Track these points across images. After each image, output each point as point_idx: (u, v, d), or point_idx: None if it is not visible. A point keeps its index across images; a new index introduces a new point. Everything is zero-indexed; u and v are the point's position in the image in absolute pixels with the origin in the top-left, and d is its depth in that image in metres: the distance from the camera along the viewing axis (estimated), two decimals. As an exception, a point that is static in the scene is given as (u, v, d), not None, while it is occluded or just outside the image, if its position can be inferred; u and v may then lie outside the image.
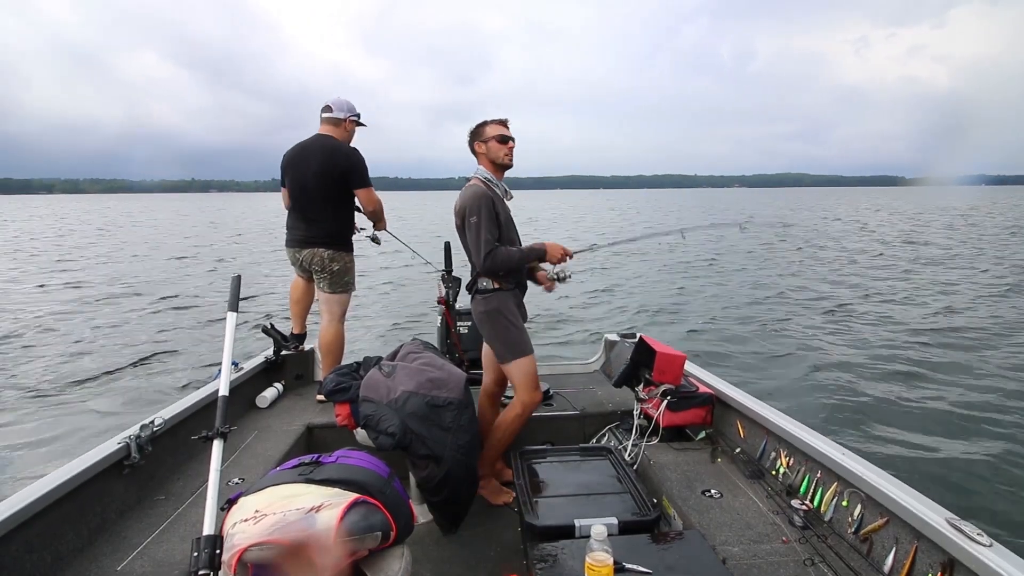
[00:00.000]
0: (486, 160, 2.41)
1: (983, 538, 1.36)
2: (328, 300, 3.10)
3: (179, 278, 13.12)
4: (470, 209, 2.28)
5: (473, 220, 2.27)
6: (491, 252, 2.26)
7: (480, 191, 2.32)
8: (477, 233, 2.27)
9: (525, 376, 2.37)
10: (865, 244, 18.61)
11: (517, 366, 2.37)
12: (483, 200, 2.29)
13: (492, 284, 2.36)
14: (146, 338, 7.76)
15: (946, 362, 6.26)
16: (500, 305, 2.36)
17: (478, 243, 2.26)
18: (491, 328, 2.38)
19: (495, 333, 2.38)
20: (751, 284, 11.66)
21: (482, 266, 2.29)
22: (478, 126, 2.43)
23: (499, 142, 2.39)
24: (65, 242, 23.08)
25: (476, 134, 2.43)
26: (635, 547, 1.51)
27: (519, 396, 2.39)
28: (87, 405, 5.34)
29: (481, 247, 2.26)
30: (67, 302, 10.31)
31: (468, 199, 2.30)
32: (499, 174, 2.42)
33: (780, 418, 2.22)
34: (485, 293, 2.37)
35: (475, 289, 2.40)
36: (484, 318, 2.38)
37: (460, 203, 2.33)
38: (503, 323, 2.36)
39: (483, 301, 2.38)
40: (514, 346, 2.37)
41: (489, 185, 2.38)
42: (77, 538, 1.74)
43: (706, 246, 17.73)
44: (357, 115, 3.13)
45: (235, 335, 1.68)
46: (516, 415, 2.40)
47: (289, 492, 1.33)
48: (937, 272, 12.51)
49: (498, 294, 2.37)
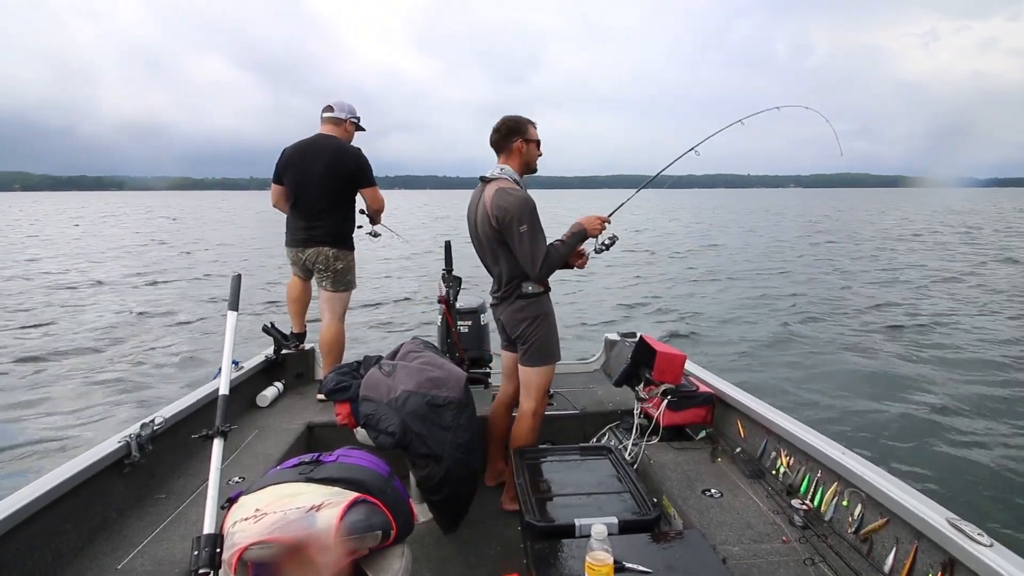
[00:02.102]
0: (519, 160, 2.31)
1: (984, 538, 1.36)
2: (330, 299, 3.10)
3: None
4: (519, 216, 2.15)
5: (523, 229, 2.15)
6: (546, 257, 2.19)
7: (525, 196, 2.20)
8: (532, 242, 2.16)
9: (545, 383, 2.36)
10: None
11: (543, 372, 2.34)
12: (530, 206, 2.18)
13: (538, 287, 2.29)
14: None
15: (946, 362, 6.26)
16: (548, 308, 2.33)
17: (534, 253, 2.16)
18: (536, 331, 2.30)
19: (539, 336, 2.30)
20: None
21: (539, 274, 2.21)
22: (525, 122, 2.30)
23: (537, 146, 2.34)
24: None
25: (520, 131, 2.29)
26: (635, 547, 1.50)
27: (530, 402, 2.35)
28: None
29: (538, 256, 2.17)
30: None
31: (514, 205, 2.15)
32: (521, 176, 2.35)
33: (780, 418, 2.21)
34: (532, 296, 2.28)
35: (517, 293, 2.29)
36: (531, 322, 2.29)
37: (502, 207, 2.17)
38: (548, 326, 2.32)
39: (531, 305, 2.29)
40: (553, 352, 2.34)
41: (524, 187, 2.30)
42: (78, 536, 1.74)
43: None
44: (357, 118, 3.16)
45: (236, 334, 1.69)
46: (530, 426, 2.36)
47: (289, 491, 1.33)
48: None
49: (545, 296, 2.33)
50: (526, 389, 2.37)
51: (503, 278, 2.31)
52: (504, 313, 2.35)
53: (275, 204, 3.14)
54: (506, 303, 2.33)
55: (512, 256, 2.24)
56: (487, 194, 2.23)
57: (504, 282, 2.31)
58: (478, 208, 2.29)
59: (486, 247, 2.32)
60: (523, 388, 2.39)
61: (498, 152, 2.34)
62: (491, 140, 2.34)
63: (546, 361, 2.33)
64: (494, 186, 2.23)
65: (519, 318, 2.30)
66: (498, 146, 2.32)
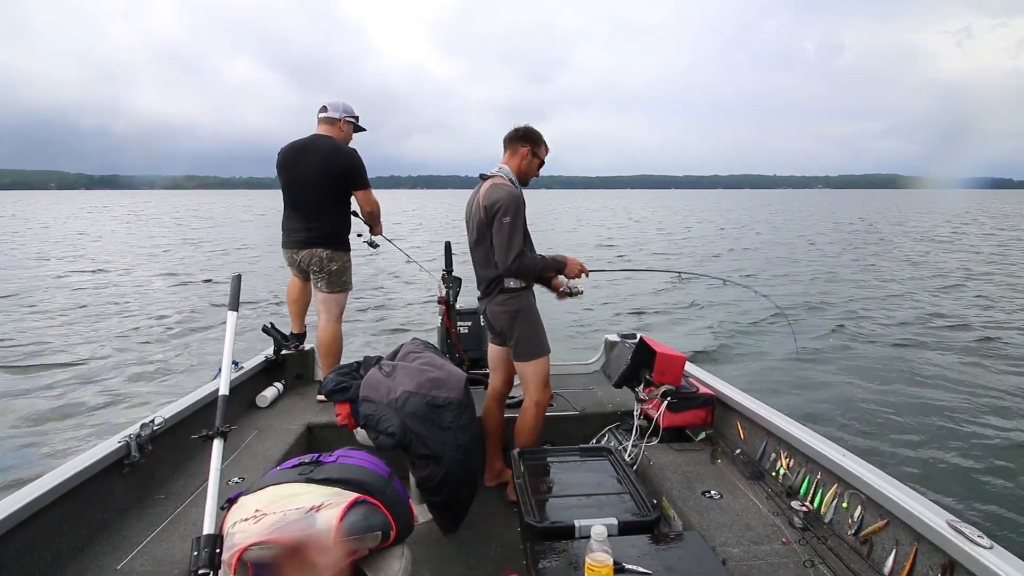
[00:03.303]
0: (518, 164, 2.41)
1: (983, 540, 1.36)
2: (326, 300, 3.09)
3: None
4: (505, 208, 2.24)
5: (506, 220, 2.23)
6: (519, 255, 2.25)
7: (516, 192, 2.30)
8: (510, 234, 2.24)
9: (542, 375, 2.40)
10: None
11: (536, 365, 2.39)
12: (519, 202, 2.27)
13: (520, 282, 2.36)
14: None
15: (946, 362, 6.26)
16: (530, 302, 2.39)
17: (509, 244, 2.24)
18: (521, 325, 2.36)
19: (524, 330, 2.36)
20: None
21: (507, 268, 2.27)
22: (540, 137, 2.43)
23: (539, 165, 2.46)
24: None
25: (534, 139, 2.41)
26: (635, 548, 1.50)
27: (532, 395, 2.40)
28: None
29: (512, 249, 2.24)
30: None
31: (504, 197, 2.25)
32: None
33: (780, 419, 2.21)
34: (515, 291, 2.35)
35: (500, 288, 2.36)
36: (514, 316, 2.36)
37: (492, 198, 2.26)
38: (532, 320, 2.38)
39: (513, 299, 2.36)
40: (541, 344, 2.40)
41: (518, 187, 2.37)
42: (77, 537, 1.73)
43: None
44: (355, 117, 3.14)
45: (235, 334, 1.69)
46: (533, 416, 2.41)
47: (289, 491, 1.33)
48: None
49: (527, 292, 2.39)
50: (525, 384, 2.42)
51: (486, 271, 2.38)
52: (489, 307, 2.42)
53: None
54: (490, 297, 2.40)
55: (493, 249, 2.30)
56: (482, 189, 2.33)
57: (491, 277, 2.38)
58: (473, 203, 2.38)
59: (474, 240, 2.39)
60: (523, 384, 2.44)
61: (505, 148, 2.44)
62: (505, 136, 2.44)
63: (537, 354, 2.39)
64: (490, 182, 2.34)
65: (501, 311, 2.37)
66: (508, 143, 2.43)
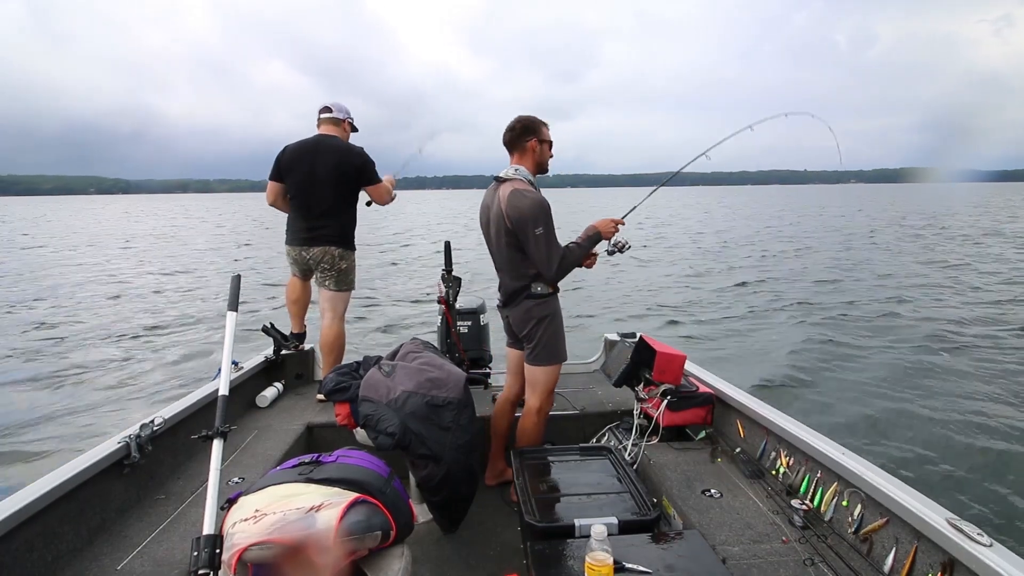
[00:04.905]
0: (532, 159, 2.33)
1: (983, 538, 1.36)
2: (332, 298, 3.11)
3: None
4: (535, 219, 2.18)
5: (539, 232, 2.18)
6: (562, 258, 2.23)
7: (540, 198, 2.23)
8: (548, 245, 2.20)
9: (551, 382, 2.39)
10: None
11: (550, 371, 2.37)
12: (546, 208, 2.21)
13: (548, 288, 2.32)
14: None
15: (946, 362, 6.26)
16: (556, 309, 2.37)
17: (550, 253, 2.21)
18: (545, 331, 2.33)
19: (547, 336, 2.33)
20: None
21: (554, 276, 2.25)
22: (538, 122, 2.32)
23: (549, 147, 2.37)
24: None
25: (535, 131, 2.31)
26: (635, 547, 1.51)
27: (535, 401, 2.38)
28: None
29: (554, 257, 2.21)
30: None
31: (530, 208, 2.18)
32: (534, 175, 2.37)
33: (780, 418, 2.21)
34: (541, 297, 2.31)
35: (526, 294, 2.31)
36: (541, 322, 2.32)
37: (518, 208, 2.19)
38: (557, 326, 2.36)
39: (540, 305, 2.31)
40: (559, 351, 2.38)
41: (538, 188, 2.32)
42: (77, 537, 1.73)
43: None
44: (352, 118, 3.19)
45: (235, 334, 1.69)
46: (534, 423, 2.40)
47: (289, 491, 1.33)
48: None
49: (553, 297, 2.35)
50: (532, 387, 2.40)
51: (513, 278, 2.33)
52: (513, 313, 2.37)
53: (272, 203, 3.13)
54: (515, 303, 2.35)
55: (522, 256, 2.26)
56: (502, 194, 2.25)
57: (518, 284, 2.33)
58: (492, 207, 2.32)
59: (497, 246, 2.34)
60: (529, 386, 2.42)
61: (511, 151, 2.36)
62: (505, 139, 2.36)
63: (553, 360, 2.37)
64: (509, 186, 2.26)
65: (528, 318, 2.33)
66: (512, 145, 2.35)
